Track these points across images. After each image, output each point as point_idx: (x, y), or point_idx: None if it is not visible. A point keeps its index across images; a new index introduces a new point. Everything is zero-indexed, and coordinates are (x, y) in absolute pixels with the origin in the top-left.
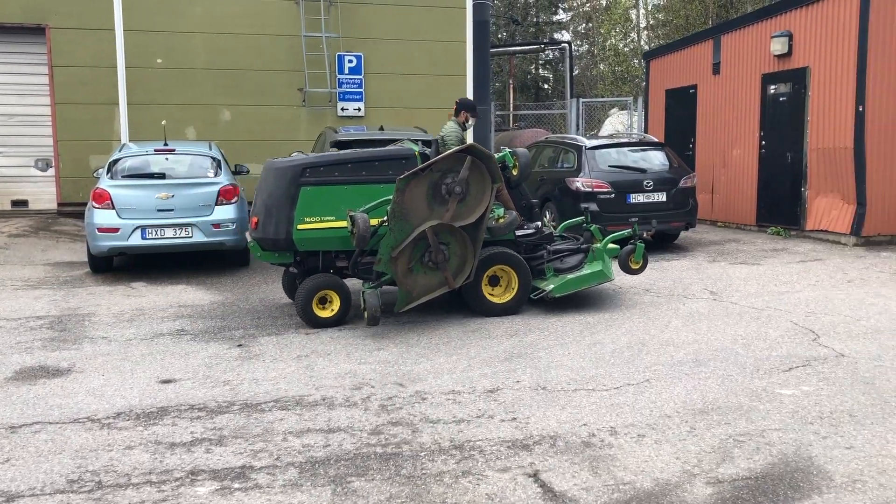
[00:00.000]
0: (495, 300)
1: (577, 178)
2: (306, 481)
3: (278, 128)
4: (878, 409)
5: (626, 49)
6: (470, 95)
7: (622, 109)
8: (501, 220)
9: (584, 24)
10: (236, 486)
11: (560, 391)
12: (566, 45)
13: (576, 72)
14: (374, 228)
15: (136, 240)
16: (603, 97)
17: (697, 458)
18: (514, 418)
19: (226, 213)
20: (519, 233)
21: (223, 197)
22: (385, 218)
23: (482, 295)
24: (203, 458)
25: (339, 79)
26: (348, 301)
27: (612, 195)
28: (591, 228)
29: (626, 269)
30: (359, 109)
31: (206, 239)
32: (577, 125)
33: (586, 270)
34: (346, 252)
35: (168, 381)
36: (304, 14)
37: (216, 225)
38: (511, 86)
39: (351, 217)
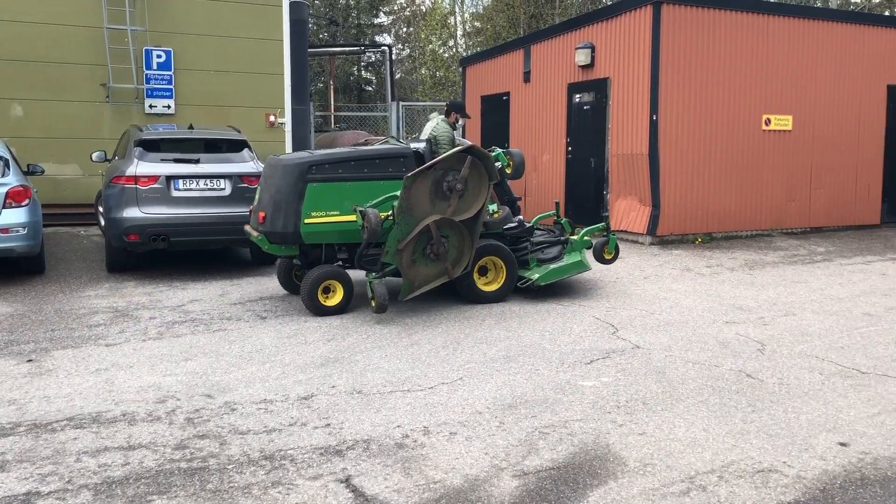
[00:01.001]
0: (485, 288)
1: None
2: None
3: (79, 125)
4: (668, 395)
5: (445, 55)
6: (287, 94)
7: (441, 113)
8: (496, 215)
9: (404, 29)
10: None
11: (376, 394)
12: (387, 48)
13: (398, 75)
14: (381, 222)
15: None
16: (423, 101)
17: (505, 453)
18: (328, 424)
19: (15, 216)
20: (504, 226)
21: (12, 199)
22: (390, 213)
23: (474, 284)
24: None
25: (146, 74)
26: (351, 291)
27: None
28: (562, 221)
29: (601, 259)
30: (168, 107)
31: None
32: (398, 128)
33: (567, 261)
34: (347, 245)
35: None
36: (107, 5)
37: (4, 230)
38: (332, 87)
39: (362, 212)
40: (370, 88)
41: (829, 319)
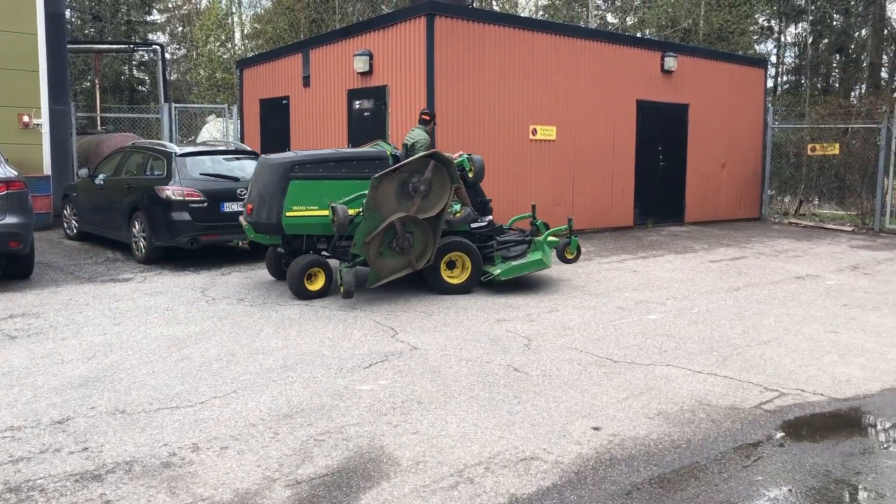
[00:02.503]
0: (452, 281)
1: (168, 187)
2: None
3: None
4: (442, 393)
5: (225, 55)
6: (44, 93)
7: (219, 117)
8: (458, 215)
9: (180, 28)
10: None
11: (141, 413)
12: (159, 47)
13: (173, 76)
14: (351, 218)
15: None
16: (198, 103)
17: (279, 463)
18: (86, 448)
19: None
20: (474, 225)
21: None
22: (361, 209)
23: (441, 277)
24: None
25: None
26: (331, 277)
27: (205, 204)
28: (538, 223)
29: (563, 259)
30: None
31: None
32: (171, 131)
33: (529, 259)
34: (326, 236)
35: None
36: None
37: None
38: (99, 86)
39: (333, 208)
40: (143, 89)
41: (587, 314)
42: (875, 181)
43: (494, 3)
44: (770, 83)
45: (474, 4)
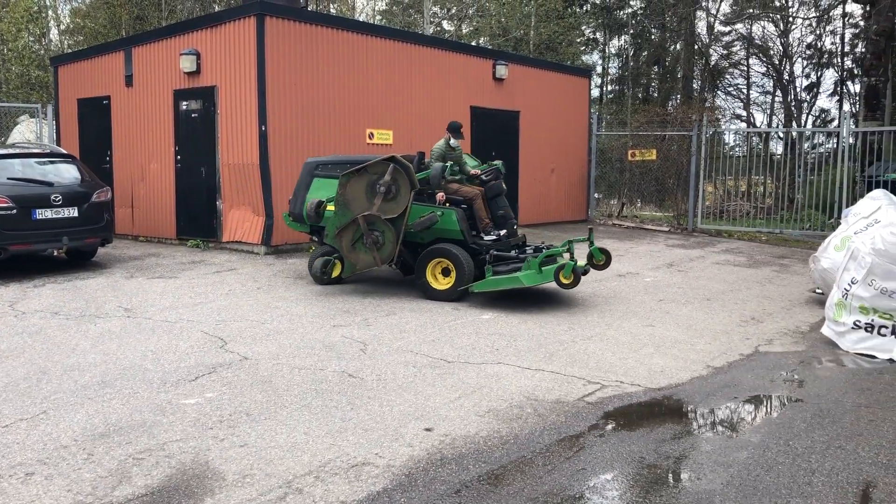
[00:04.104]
0: (437, 287)
1: None
2: None
3: None
4: (273, 404)
5: (41, 51)
6: None
7: (33, 117)
8: (422, 218)
9: None
10: None
11: None
12: None
13: None
14: (321, 211)
15: None
16: (9, 102)
17: (92, 486)
18: None
19: None
20: (487, 237)
21: None
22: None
23: (426, 281)
24: None
25: None
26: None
27: (14, 210)
28: (593, 249)
29: (560, 284)
30: None
31: None
32: None
33: (507, 276)
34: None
35: None
36: None
37: None
38: None
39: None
40: None
41: (423, 316)
42: (689, 184)
43: (332, 6)
44: (596, 92)
45: (311, 7)
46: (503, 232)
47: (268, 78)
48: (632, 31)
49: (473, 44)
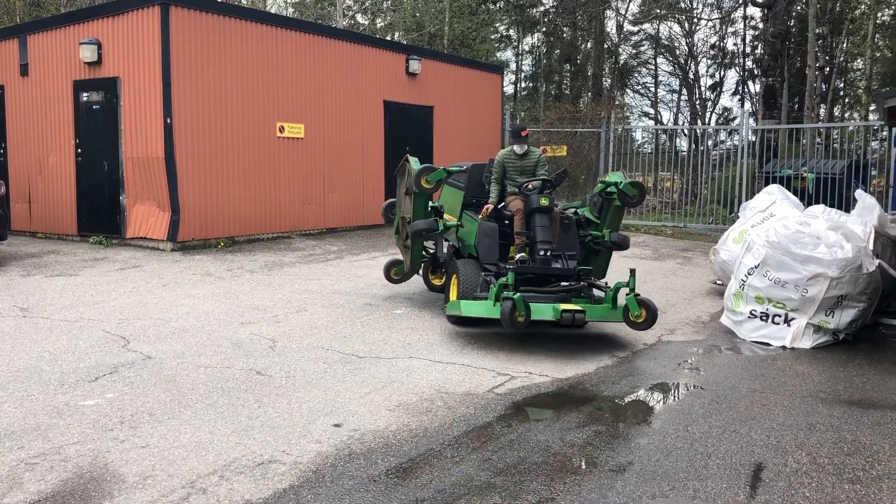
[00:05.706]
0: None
1: None
2: None
3: None
4: (177, 403)
5: None
6: None
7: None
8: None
9: None
10: None
11: None
12: None
13: None
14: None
15: None
16: None
17: None
18: None
19: None
20: (517, 256)
21: None
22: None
23: (449, 294)
24: None
25: None
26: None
27: None
28: (630, 295)
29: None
30: None
31: None
32: None
33: (482, 303)
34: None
35: None
36: None
37: None
38: None
39: None
40: None
41: (335, 312)
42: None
43: None
44: (511, 89)
45: None
46: (524, 256)
47: (173, 69)
48: (544, 29)
49: (388, 38)
